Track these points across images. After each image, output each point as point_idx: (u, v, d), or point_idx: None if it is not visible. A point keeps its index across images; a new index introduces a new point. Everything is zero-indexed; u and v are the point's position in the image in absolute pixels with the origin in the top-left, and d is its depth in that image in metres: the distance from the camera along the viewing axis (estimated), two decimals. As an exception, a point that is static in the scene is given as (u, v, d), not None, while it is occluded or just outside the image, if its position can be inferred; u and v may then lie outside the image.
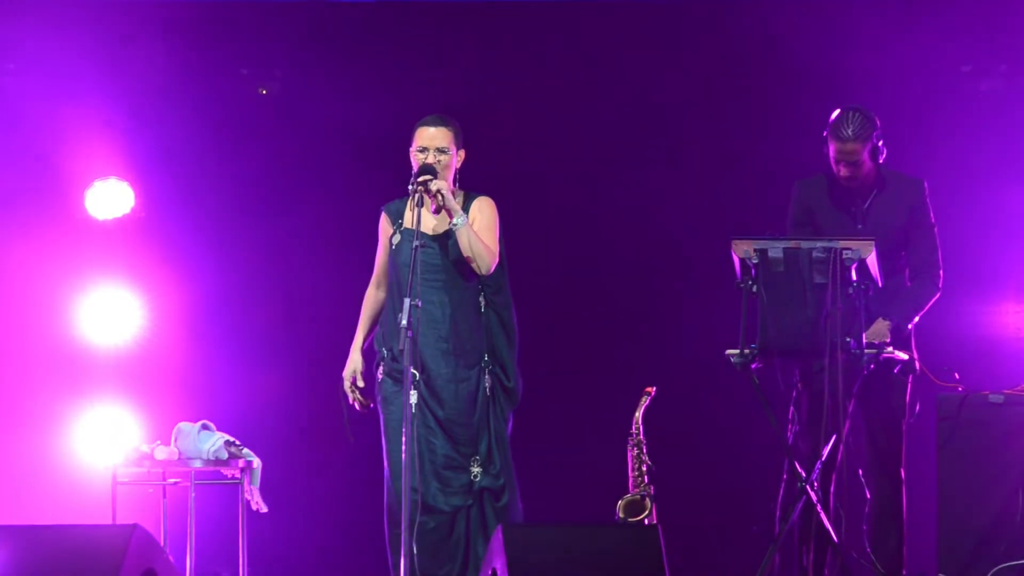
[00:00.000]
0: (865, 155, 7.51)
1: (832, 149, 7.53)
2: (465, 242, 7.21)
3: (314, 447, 8.90)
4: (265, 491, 7.93)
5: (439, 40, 9.14)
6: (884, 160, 7.60)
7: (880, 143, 7.56)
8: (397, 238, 7.39)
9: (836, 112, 7.54)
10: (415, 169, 7.27)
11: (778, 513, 7.53)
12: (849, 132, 7.47)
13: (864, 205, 7.62)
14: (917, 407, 7.67)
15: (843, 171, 7.53)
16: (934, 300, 7.64)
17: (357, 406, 7.41)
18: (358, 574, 8.89)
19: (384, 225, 7.47)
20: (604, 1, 9.17)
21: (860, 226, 7.59)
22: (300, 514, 9.00)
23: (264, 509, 7.88)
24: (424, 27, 9.14)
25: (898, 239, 7.61)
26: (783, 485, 7.52)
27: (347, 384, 7.42)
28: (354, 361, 7.44)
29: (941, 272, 7.66)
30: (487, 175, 7.50)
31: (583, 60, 9.19)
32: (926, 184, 7.68)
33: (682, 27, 9.13)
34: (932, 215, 7.66)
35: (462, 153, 7.35)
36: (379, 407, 7.35)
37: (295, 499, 8.88)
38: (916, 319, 7.60)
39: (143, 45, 8.90)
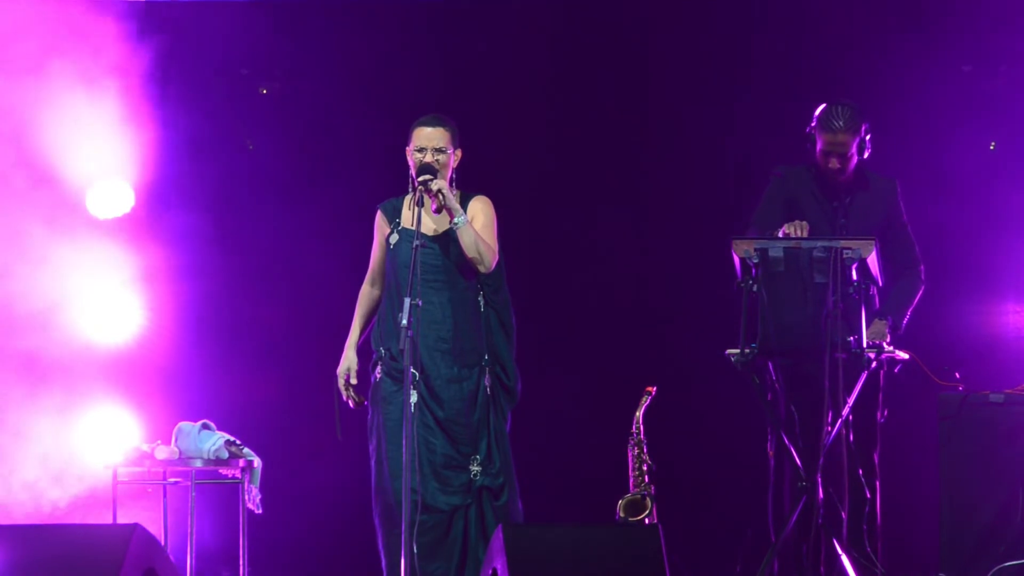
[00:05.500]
0: (854, 148, 7.52)
1: (821, 142, 7.54)
2: (468, 241, 7.21)
3: (314, 447, 8.89)
4: (265, 491, 7.92)
5: (439, 40, 9.14)
6: (868, 157, 7.61)
7: (868, 137, 7.56)
8: (395, 237, 7.38)
9: (822, 106, 7.55)
10: (412, 169, 7.27)
11: (770, 512, 7.54)
12: (840, 124, 7.49)
13: (847, 200, 7.62)
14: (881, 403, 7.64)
15: (834, 163, 7.53)
16: (920, 294, 7.65)
17: (351, 403, 7.40)
18: (357, 574, 8.89)
19: (380, 223, 7.47)
20: (602, 1, 9.18)
21: (843, 220, 7.59)
22: (300, 514, 8.99)
23: (258, 511, 7.88)
24: (424, 27, 9.14)
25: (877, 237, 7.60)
26: (771, 487, 7.53)
27: (341, 382, 7.41)
28: (348, 359, 7.43)
29: (922, 266, 7.67)
30: (485, 174, 7.50)
31: (583, 59, 9.18)
32: (898, 183, 7.68)
33: (683, 26, 9.13)
34: (905, 214, 7.66)
35: (459, 152, 7.35)
36: (376, 406, 7.34)
37: (295, 499, 8.87)
38: (908, 315, 7.61)
39: (143, 45, 8.89)
